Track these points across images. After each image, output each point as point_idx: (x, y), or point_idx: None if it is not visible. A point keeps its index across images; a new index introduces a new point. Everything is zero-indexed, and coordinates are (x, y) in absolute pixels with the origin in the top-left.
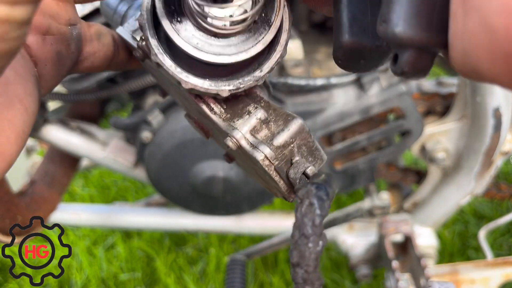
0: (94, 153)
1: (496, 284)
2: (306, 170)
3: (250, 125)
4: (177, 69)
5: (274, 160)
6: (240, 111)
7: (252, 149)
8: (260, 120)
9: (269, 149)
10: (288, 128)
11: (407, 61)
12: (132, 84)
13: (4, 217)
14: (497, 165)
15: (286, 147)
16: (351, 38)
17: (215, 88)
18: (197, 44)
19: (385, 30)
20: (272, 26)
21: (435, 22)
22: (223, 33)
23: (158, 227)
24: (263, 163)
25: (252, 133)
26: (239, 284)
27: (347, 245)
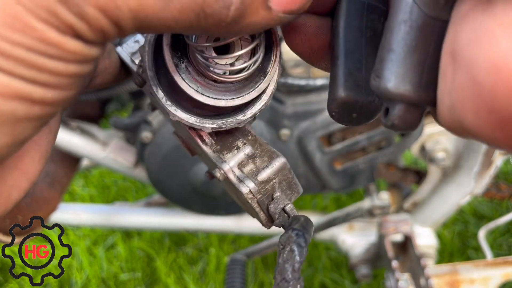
0: (95, 153)
1: (495, 283)
2: (285, 207)
3: (238, 160)
4: (167, 102)
5: (257, 194)
6: (230, 145)
7: (238, 182)
8: (247, 156)
9: (253, 184)
10: (272, 165)
11: (397, 115)
12: (132, 84)
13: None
14: (496, 165)
15: (269, 182)
16: (345, 92)
17: (199, 124)
18: (198, 88)
19: (377, 85)
20: (267, 76)
21: (425, 80)
22: (222, 80)
23: (158, 227)
24: (247, 196)
25: (239, 167)
26: (239, 284)
27: (347, 245)
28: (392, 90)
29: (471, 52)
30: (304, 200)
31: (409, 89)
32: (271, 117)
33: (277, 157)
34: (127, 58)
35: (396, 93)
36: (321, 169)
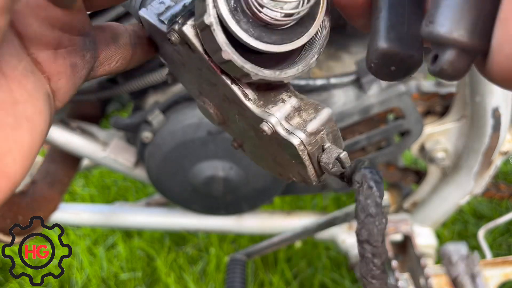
0: (95, 153)
1: (495, 283)
2: (340, 155)
3: (285, 112)
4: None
5: (308, 146)
6: (273, 99)
7: (288, 134)
8: (294, 108)
9: (304, 135)
10: (319, 116)
11: (448, 60)
12: (132, 84)
13: (5, 217)
14: (496, 165)
15: (317, 134)
16: (387, 43)
17: (283, 76)
18: (253, 34)
19: (430, 30)
20: (316, 20)
21: (480, 28)
22: (274, 22)
23: (159, 226)
24: (299, 148)
25: (287, 120)
26: (239, 284)
27: (347, 245)
28: (446, 35)
29: None
30: (304, 200)
31: (463, 34)
32: None
33: (323, 108)
34: (154, 19)
35: (449, 38)
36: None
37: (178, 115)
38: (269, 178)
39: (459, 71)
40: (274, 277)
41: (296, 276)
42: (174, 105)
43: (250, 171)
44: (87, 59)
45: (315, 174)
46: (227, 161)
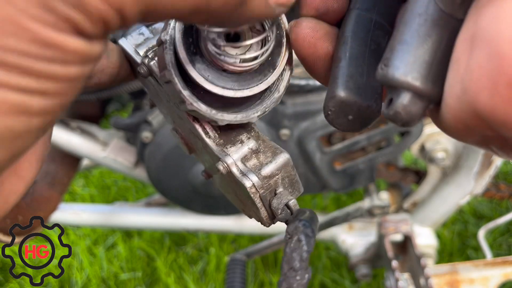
0: (95, 153)
1: (495, 283)
2: (288, 202)
3: (241, 153)
4: (212, 111)
5: (260, 189)
6: (233, 139)
7: (241, 176)
8: (251, 150)
9: (257, 178)
10: (275, 160)
11: (401, 104)
12: (132, 84)
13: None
14: (496, 165)
15: (272, 178)
16: (345, 92)
17: (246, 118)
18: (208, 77)
19: (385, 73)
20: (276, 69)
21: (433, 73)
22: (232, 69)
23: (159, 226)
24: (250, 191)
25: (243, 161)
26: (239, 284)
27: (347, 245)
28: (400, 78)
29: (494, 28)
30: (304, 200)
31: (416, 78)
32: (271, 117)
33: (281, 152)
34: (131, 50)
35: (403, 81)
36: (321, 169)
37: None
38: None
39: (413, 116)
40: (274, 277)
41: None
42: None
43: None
44: None
45: (267, 216)
46: None
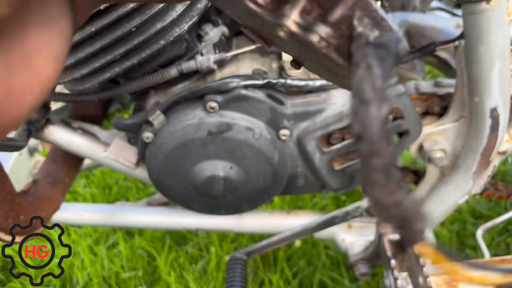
0: (96, 153)
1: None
2: (369, 38)
3: (299, 7)
4: None
5: (332, 39)
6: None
7: (305, 32)
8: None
9: (324, 27)
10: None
11: None
12: (133, 84)
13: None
14: (495, 165)
15: (344, 22)
16: None
17: None
18: None
19: None
20: None
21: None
22: None
23: (159, 226)
24: (320, 45)
25: (303, 16)
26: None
27: (346, 244)
28: None
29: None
30: (304, 199)
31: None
32: (270, 118)
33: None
34: None
35: None
36: (321, 169)
37: (179, 115)
38: (269, 178)
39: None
40: (274, 276)
41: (295, 275)
42: (175, 105)
43: (250, 171)
44: None
45: None
46: (227, 161)
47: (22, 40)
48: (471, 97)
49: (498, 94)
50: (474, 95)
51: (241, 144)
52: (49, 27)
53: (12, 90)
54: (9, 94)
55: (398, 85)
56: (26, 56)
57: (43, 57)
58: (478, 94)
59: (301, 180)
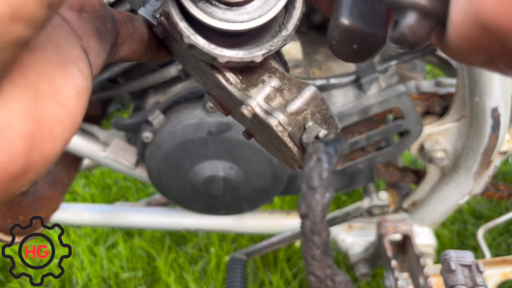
0: (96, 153)
1: (494, 283)
2: (318, 134)
3: (264, 93)
4: (210, 46)
5: (287, 126)
6: (255, 81)
7: (266, 115)
8: (274, 88)
9: (282, 115)
10: (301, 95)
11: (408, 24)
12: (133, 84)
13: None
14: (495, 165)
15: (300, 114)
16: (349, 19)
17: (249, 55)
18: (211, 13)
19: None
20: (280, 2)
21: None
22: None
23: (159, 226)
24: (277, 129)
25: (266, 101)
26: (239, 283)
27: (347, 244)
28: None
29: None
30: None
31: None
32: None
33: (307, 86)
34: (149, 15)
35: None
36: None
37: (179, 115)
38: (269, 178)
39: (419, 37)
40: (274, 277)
41: (295, 276)
42: (175, 105)
43: (250, 171)
44: (109, 28)
45: (301, 155)
46: (227, 161)
47: (48, 76)
48: (472, 97)
49: (499, 94)
50: (475, 95)
51: (241, 144)
52: (69, 66)
53: (43, 121)
54: (41, 126)
55: (398, 85)
56: (52, 89)
57: (68, 92)
58: (479, 94)
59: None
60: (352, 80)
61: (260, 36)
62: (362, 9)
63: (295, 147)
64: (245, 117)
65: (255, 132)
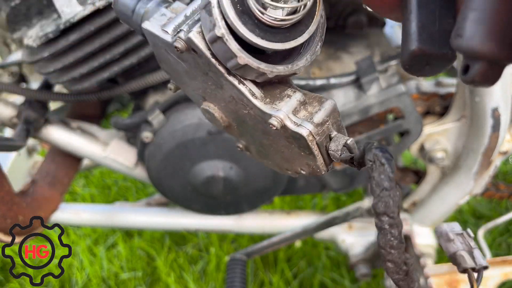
0: (95, 153)
1: (495, 283)
2: (347, 142)
3: (291, 106)
4: (262, 64)
5: (316, 136)
6: (279, 95)
7: (296, 126)
8: (300, 102)
9: (312, 126)
10: (324, 107)
11: (479, 72)
12: (133, 84)
13: (5, 217)
14: (496, 165)
15: (324, 125)
16: (420, 45)
17: (297, 67)
18: (259, 34)
19: (460, 44)
20: (315, 18)
21: (509, 39)
22: (277, 24)
23: (159, 226)
24: (308, 139)
25: (294, 113)
26: (239, 283)
27: (347, 245)
28: (475, 49)
29: None
30: (304, 200)
31: (493, 47)
32: None
33: (327, 100)
34: (158, 31)
35: (480, 52)
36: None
37: (178, 115)
38: (269, 178)
39: (490, 80)
40: (274, 277)
41: (296, 276)
42: (174, 105)
43: (250, 171)
44: None
45: (324, 163)
46: (227, 161)
47: None
48: (472, 96)
49: (499, 94)
50: (475, 95)
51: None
52: None
53: None
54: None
55: (399, 85)
56: None
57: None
58: (479, 94)
59: (301, 180)
60: (352, 80)
61: (292, 51)
62: (431, 31)
63: (320, 155)
64: (274, 128)
65: (258, 143)
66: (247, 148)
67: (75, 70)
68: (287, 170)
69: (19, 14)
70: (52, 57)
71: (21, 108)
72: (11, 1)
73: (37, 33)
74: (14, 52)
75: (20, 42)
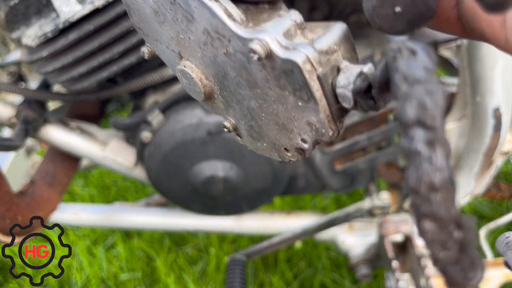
0: (94, 153)
1: (496, 284)
2: (363, 70)
3: (283, 27)
4: None
5: (317, 65)
6: (268, 18)
7: (287, 52)
8: (295, 24)
9: (311, 50)
10: (330, 31)
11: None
12: (132, 84)
13: (4, 217)
14: (497, 165)
15: (330, 54)
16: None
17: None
18: None
19: None
20: None
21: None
22: None
23: (158, 227)
24: (304, 68)
25: (286, 36)
26: (239, 284)
27: (347, 245)
28: None
29: None
30: (304, 200)
31: None
32: None
33: (336, 23)
34: None
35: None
36: (321, 169)
37: (178, 115)
38: (269, 178)
39: None
40: (274, 278)
41: (296, 277)
42: (174, 105)
43: (250, 171)
44: None
45: (330, 114)
46: (226, 161)
47: None
48: (474, 96)
49: (500, 94)
50: (477, 95)
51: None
52: None
53: None
54: None
55: None
56: None
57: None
58: (480, 94)
59: (301, 180)
60: None
61: None
62: None
63: (323, 99)
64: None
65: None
66: (236, 128)
67: (74, 70)
68: (286, 151)
69: (17, 13)
70: (51, 56)
71: (20, 108)
72: (10, 0)
73: (36, 32)
74: (13, 51)
75: (18, 42)
